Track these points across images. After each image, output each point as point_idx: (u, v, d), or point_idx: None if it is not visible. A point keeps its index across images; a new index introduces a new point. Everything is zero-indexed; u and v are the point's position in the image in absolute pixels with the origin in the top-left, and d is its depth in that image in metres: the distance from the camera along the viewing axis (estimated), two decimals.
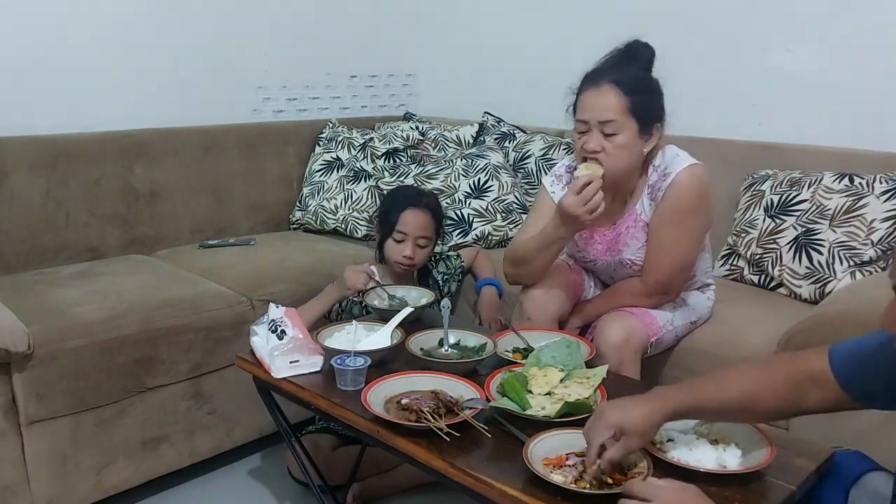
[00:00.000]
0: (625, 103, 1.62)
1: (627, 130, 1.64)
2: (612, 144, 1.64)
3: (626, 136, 1.64)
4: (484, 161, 2.69)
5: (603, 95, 1.63)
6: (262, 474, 2.12)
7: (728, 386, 1.14)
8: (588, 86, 1.67)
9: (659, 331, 1.75)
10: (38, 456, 1.72)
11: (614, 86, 1.63)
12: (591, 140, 1.66)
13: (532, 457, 1.16)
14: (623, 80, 1.63)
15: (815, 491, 1.19)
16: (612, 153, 1.65)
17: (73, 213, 2.31)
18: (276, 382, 1.55)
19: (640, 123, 1.65)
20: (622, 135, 1.64)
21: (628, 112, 1.63)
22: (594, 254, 1.85)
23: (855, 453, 1.21)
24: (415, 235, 1.99)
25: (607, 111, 1.63)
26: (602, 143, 1.65)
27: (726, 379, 1.15)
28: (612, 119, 1.63)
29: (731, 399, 1.13)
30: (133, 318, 1.86)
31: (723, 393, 1.13)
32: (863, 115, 2.21)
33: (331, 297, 1.93)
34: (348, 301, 2.01)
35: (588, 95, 1.66)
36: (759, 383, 1.12)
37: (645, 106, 1.65)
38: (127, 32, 2.48)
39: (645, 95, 1.66)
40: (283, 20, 2.90)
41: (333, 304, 1.95)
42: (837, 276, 1.95)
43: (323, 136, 2.95)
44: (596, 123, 1.64)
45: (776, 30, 2.36)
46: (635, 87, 1.64)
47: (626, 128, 1.63)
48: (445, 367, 1.51)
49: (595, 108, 1.64)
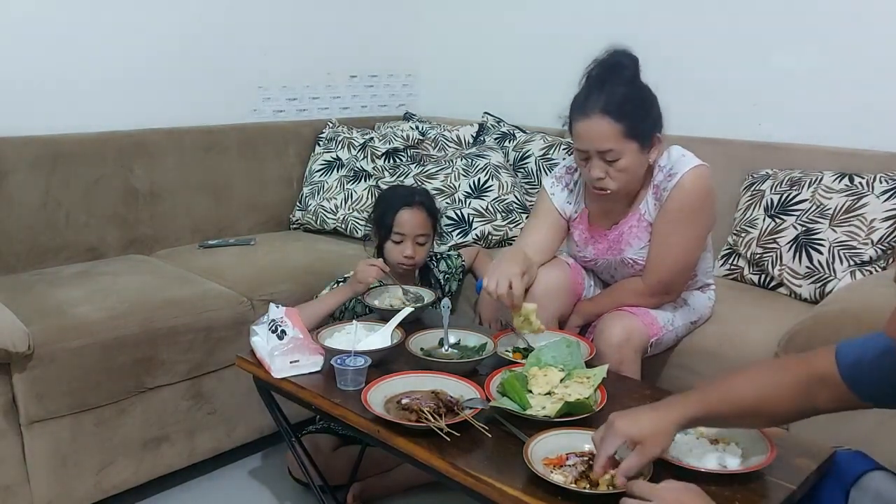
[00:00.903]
0: (619, 129, 1.60)
1: (628, 153, 1.62)
2: (615, 169, 1.64)
3: (628, 159, 1.63)
4: (484, 161, 2.69)
5: (595, 125, 1.60)
6: (262, 474, 2.12)
7: (740, 390, 1.12)
8: (578, 116, 1.64)
9: (659, 331, 1.75)
10: (38, 456, 1.72)
11: (604, 115, 1.59)
12: (593, 169, 1.64)
13: (532, 457, 1.16)
14: (612, 107, 1.59)
15: (816, 490, 1.19)
16: (616, 177, 1.65)
17: (72, 213, 2.31)
18: (276, 382, 1.55)
19: (639, 142, 1.63)
20: (624, 159, 1.62)
21: (624, 137, 1.60)
22: (595, 253, 1.85)
23: (856, 453, 1.20)
24: (413, 234, 1.99)
25: (603, 141, 1.61)
26: (605, 168, 1.64)
27: (737, 383, 1.14)
28: (609, 148, 1.61)
29: (745, 404, 1.11)
30: (133, 318, 1.86)
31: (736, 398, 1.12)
32: (863, 115, 2.21)
33: (342, 295, 1.92)
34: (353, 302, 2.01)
35: (581, 126, 1.63)
36: (771, 386, 1.11)
37: (639, 125, 1.62)
38: (127, 32, 2.48)
39: (638, 113, 1.62)
40: (283, 20, 2.90)
41: (344, 302, 1.94)
42: (837, 276, 1.95)
43: (323, 136, 2.95)
44: (595, 153, 1.63)
45: (776, 30, 2.36)
46: (626, 109, 1.60)
47: (626, 151, 1.62)
48: (445, 367, 1.51)
49: (591, 139, 1.62)
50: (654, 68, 1.70)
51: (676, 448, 1.21)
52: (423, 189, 2.21)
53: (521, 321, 1.63)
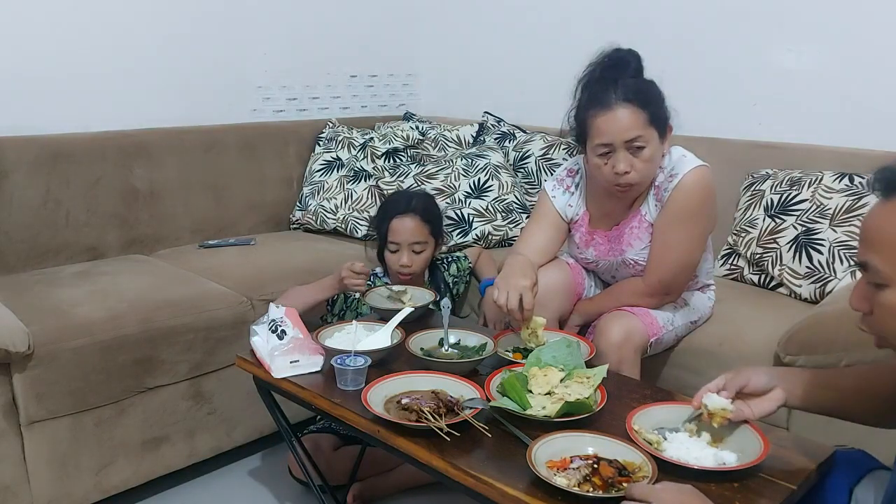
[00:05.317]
0: (644, 116, 1.61)
1: (652, 141, 1.63)
2: (640, 160, 1.63)
3: (652, 147, 1.64)
4: (484, 161, 2.69)
5: (621, 115, 1.61)
6: (262, 474, 2.12)
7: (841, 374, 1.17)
8: (599, 111, 1.63)
9: (659, 331, 1.75)
10: (38, 456, 1.72)
11: (628, 104, 1.61)
12: (619, 163, 1.63)
13: (535, 459, 1.16)
14: (632, 94, 1.61)
15: (819, 490, 1.19)
16: (641, 168, 1.64)
17: (73, 213, 2.31)
18: (277, 382, 1.55)
19: (658, 130, 1.65)
20: (648, 147, 1.63)
21: (649, 124, 1.62)
22: (596, 254, 1.85)
23: (859, 452, 1.21)
24: (407, 243, 1.98)
25: (630, 129, 1.61)
26: (631, 160, 1.63)
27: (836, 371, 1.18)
28: (638, 135, 1.61)
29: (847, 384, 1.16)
30: (133, 318, 1.86)
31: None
32: (863, 115, 2.21)
33: (330, 289, 1.95)
34: (354, 300, 2.01)
35: (605, 119, 1.62)
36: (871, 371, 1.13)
37: (658, 112, 1.65)
38: (127, 32, 2.48)
39: (655, 100, 1.65)
40: (283, 20, 2.90)
41: (331, 296, 1.97)
42: (838, 276, 1.95)
43: (323, 136, 2.95)
44: (622, 144, 1.62)
45: (776, 30, 2.36)
46: (646, 97, 1.63)
47: (651, 139, 1.63)
48: (445, 367, 1.51)
49: (617, 130, 1.61)
50: (654, 68, 1.71)
51: (675, 448, 1.21)
52: (424, 194, 2.18)
53: (529, 334, 1.62)
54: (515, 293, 1.59)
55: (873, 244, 0.93)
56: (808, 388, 1.19)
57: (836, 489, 1.16)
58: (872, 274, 0.94)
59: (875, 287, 0.94)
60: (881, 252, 0.92)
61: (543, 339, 1.61)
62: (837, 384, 1.19)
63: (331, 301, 2.02)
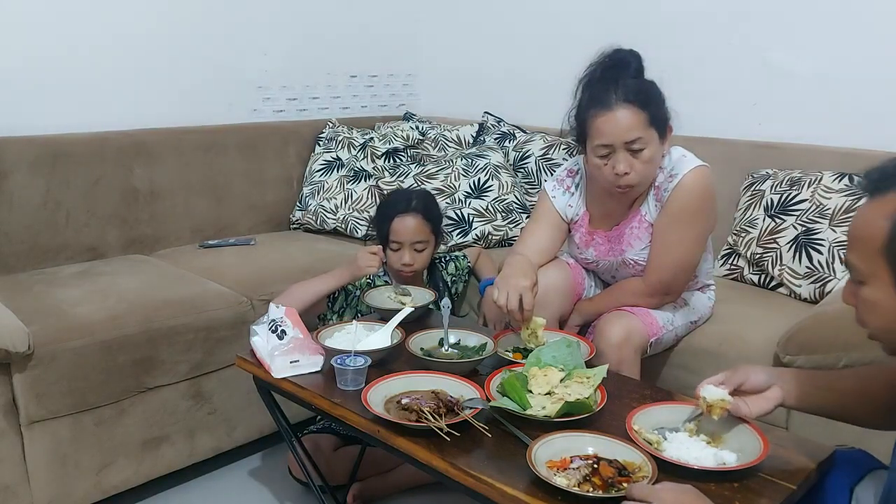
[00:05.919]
0: (644, 117, 1.61)
1: (652, 142, 1.63)
2: (640, 161, 1.63)
3: (652, 149, 1.63)
4: (484, 161, 2.69)
5: (621, 115, 1.60)
6: (262, 474, 2.12)
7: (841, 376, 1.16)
8: (600, 111, 1.62)
9: (659, 331, 1.75)
10: (38, 456, 1.72)
11: (628, 104, 1.60)
12: (619, 164, 1.62)
13: (535, 459, 1.16)
14: (633, 95, 1.61)
15: (819, 489, 1.19)
16: (641, 170, 1.64)
17: (73, 213, 2.31)
18: (276, 382, 1.55)
19: (658, 131, 1.64)
20: (648, 148, 1.62)
21: (649, 125, 1.62)
22: (596, 254, 1.85)
23: (859, 451, 1.21)
24: (409, 242, 1.99)
25: (630, 130, 1.60)
26: (631, 161, 1.63)
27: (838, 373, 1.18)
28: (638, 136, 1.60)
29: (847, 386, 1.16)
30: (133, 318, 1.86)
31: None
32: (863, 115, 2.21)
33: (340, 278, 1.95)
34: (355, 297, 2.01)
35: (605, 120, 1.62)
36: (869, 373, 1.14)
37: (659, 113, 1.64)
38: (127, 32, 2.48)
39: (655, 101, 1.65)
40: (283, 20, 2.90)
41: (341, 286, 1.97)
42: (837, 276, 1.95)
43: (323, 136, 2.95)
44: (622, 145, 1.61)
45: (776, 30, 2.36)
46: (646, 98, 1.62)
47: (650, 140, 1.62)
48: (445, 367, 1.51)
49: (617, 131, 1.61)
50: (654, 68, 1.70)
51: (675, 448, 1.21)
52: (424, 192, 2.18)
53: (528, 334, 1.62)
54: (515, 293, 1.59)
55: (853, 243, 0.98)
56: (806, 389, 1.19)
57: (837, 489, 1.16)
58: (853, 271, 0.98)
59: (857, 283, 0.98)
60: (858, 250, 0.96)
61: (543, 339, 1.61)
62: (835, 385, 1.19)
63: (331, 298, 2.02)
